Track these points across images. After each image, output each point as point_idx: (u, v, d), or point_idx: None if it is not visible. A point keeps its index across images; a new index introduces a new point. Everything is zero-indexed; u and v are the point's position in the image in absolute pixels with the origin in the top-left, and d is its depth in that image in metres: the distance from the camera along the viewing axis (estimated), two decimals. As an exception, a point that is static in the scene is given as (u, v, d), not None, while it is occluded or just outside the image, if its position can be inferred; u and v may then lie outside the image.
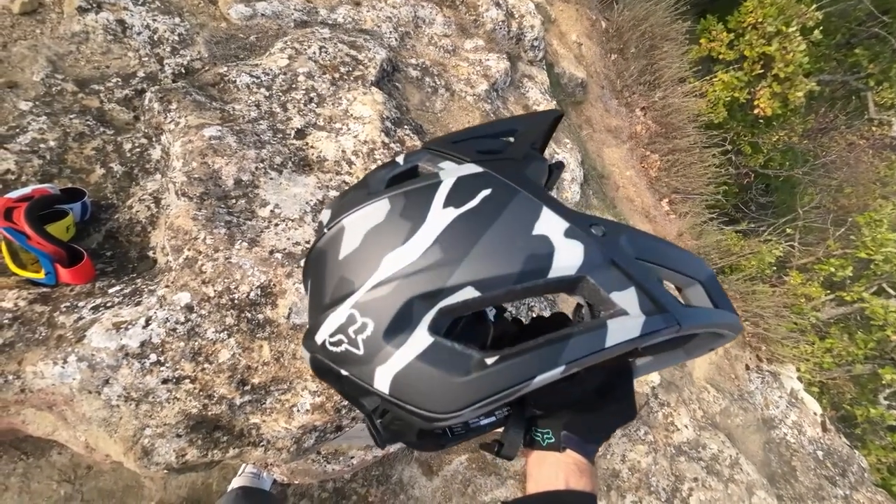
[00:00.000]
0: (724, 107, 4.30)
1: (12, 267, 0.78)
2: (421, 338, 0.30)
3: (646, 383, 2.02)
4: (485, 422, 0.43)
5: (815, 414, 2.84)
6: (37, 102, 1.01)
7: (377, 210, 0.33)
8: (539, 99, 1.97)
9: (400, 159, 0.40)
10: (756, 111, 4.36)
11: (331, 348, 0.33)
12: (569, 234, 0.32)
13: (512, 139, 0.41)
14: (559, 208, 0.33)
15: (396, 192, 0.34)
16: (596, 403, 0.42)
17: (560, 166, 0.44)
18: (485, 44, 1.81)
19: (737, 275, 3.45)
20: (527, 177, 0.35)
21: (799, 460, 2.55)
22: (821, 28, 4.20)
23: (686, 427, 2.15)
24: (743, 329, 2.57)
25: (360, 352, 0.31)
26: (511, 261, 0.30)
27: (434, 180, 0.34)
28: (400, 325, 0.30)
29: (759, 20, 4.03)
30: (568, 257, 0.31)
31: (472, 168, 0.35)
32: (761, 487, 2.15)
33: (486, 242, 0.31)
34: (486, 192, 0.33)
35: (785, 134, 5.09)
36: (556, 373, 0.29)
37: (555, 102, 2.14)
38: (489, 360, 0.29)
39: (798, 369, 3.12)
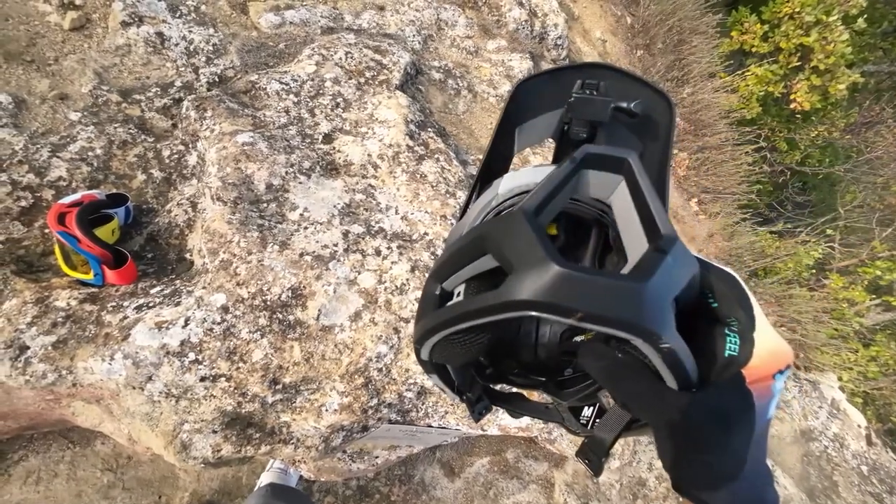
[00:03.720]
0: (758, 102, 4.11)
1: (64, 268, 0.84)
2: None
3: (674, 390, 1.95)
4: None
5: (858, 426, 2.67)
6: (85, 113, 1.08)
7: None
8: (563, 98, 1.94)
9: None
10: (793, 106, 4.15)
11: None
12: None
13: None
14: None
15: None
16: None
17: None
18: (507, 44, 1.80)
19: (772, 278, 3.29)
20: None
21: (841, 475, 2.41)
22: (865, 16, 3.95)
23: (717, 436, 2.06)
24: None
25: None
26: None
27: None
28: None
29: (797, 10, 3.83)
30: None
31: None
32: (799, 503, 2.04)
33: None
34: None
35: (825, 129, 4.81)
36: None
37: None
38: None
39: (840, 378, 2.94)
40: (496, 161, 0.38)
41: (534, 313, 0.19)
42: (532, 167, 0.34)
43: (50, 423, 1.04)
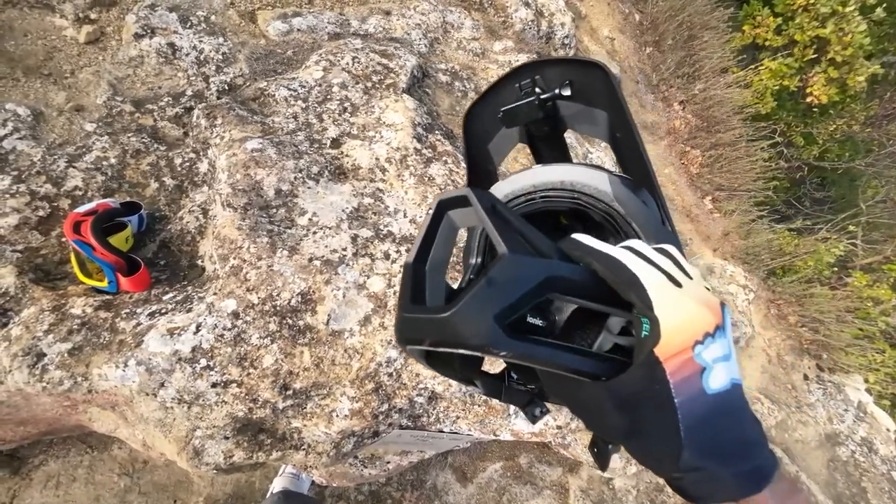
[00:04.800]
0: (773, 96, 4.01)
1: (80, 276, 0.85)
2: None
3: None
4: None
5: (887, 430, 2.57)
6: (100, 123, 1.10)
7: None
8: (571, 98, 1.92)
9: None
10: (809, 99, 4.04)
11: None
12: None
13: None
14: None
15: None
16: None
17: None
18: (514, 45, 1.79)
19: (791, 276, 3.19)
20: None
21: (870, 481, 2.31)
22: (884, 5, 3.83)
23: (737, 441, 1.99)
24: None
25: None
26: None
27: None
28: None
29: (811, 1, 3.74)
30: None
31: None
32: (826, 510, 1.97)
33: None
34: None
35: (844, 122, 4.67)
36: None
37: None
38: None
39: (866, 380, 2.83)
40: (483, 180, 0.41)
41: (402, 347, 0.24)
42: (517, 172, 0.37)
43: (68, 429, 1.06)
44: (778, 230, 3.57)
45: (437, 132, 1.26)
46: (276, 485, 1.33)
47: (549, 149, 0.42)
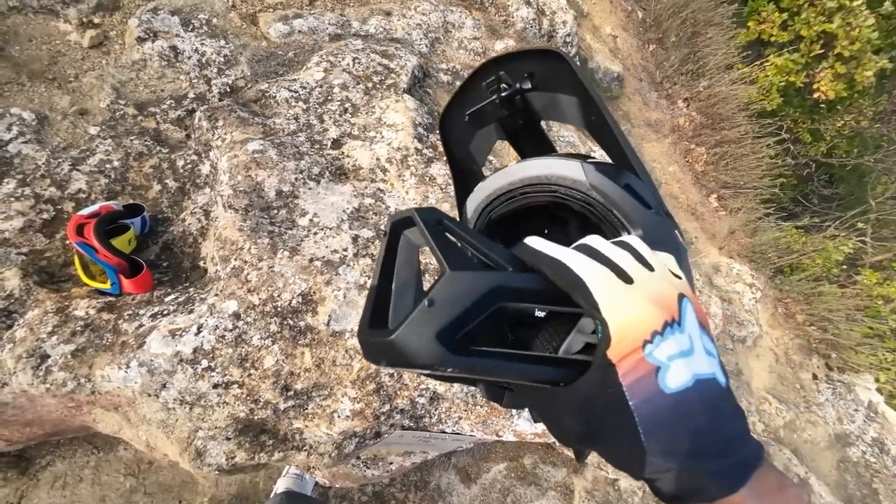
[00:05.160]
0: (779, 93, 3.96)
1: (84, 278, 0.86)
2: None
3: (698, 393, 1.87)
4: None
5: (899, 430, 2.52)
6: (103, 126, 1.11)
7: None
8: (573, 96, 1.91)
9: None
10: (816, 95, 3.99)
11: None
12: None
13: None
14: None
15: None
16: None
17: None
18: (515, 44, 1.78)
19: (799, 274, 3.15)
20: None
21: (882, 482, 2.27)
22: (892, -1, 3.78)
23: (745, 441, 1.97)
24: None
25: None
26: None
27: None
28: None
29: (818, -4, 3.69)
30: None
31: None
32: (837, 512, 1.94)
33: None
34: None
35: (852, 118, 4.60)
36: None
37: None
38: None
39: (877, 380, 2.79)
40: (469, 181, 0.40)
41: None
42: (496, 172, 0.36)
43: (73, 430, 1.06)
44: (785, 228, 3.53)
45: (437, 132, 1.25)
46: (280, 485, 1.34)
47: (529, 142, 0.41)
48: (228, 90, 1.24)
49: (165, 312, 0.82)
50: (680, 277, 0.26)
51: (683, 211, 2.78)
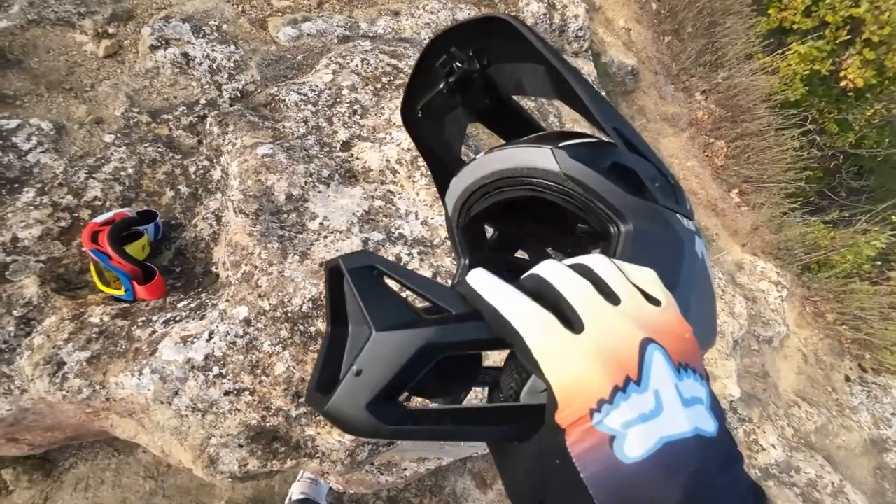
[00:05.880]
0: (802, 82, 3.80)
1: (99, 285, 0.86)
2: None
3: (723, 397, 1.80)
4: None
5: (941, 435, 2.38)
6: (118, 134, 1.12)
7: None
8: (587, 91, 1.86)
9: None
10: (843, 84, 3.82)
11: None
12: None
13: None
14: None
15: None
16: None
17: None
18: (526, 39, 1.75)
19: (828, 272, 3.01)
20: None
21: (923, 491, 2.14)
22: (925, -20, 3.58)
23: (773, 447, 1.89)
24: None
25: None
26: None
27: None
28: None
29: (843, -20, 3.53)
30: None
31: None
32: (875, 522, 1.83)
33: None
34: None
35: (882, 106, 4.39)
36: None
37: (604, 93, 2.01)
38: None
39: (915, 382, 2.64)
40: (452, 171, 0.36)
41: None
42: (466, 164, 0.33)
43: (93, 434, 1.08)
44: (812, 223, 3.38)
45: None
46: (295, 489, 1.33)
47: (504, 123, 0.37)
48: (239, 95, 1.24)
49: (178, 319, 0.82)
50: (658, 303, 0.21)
51: (703, 207, 2.69)
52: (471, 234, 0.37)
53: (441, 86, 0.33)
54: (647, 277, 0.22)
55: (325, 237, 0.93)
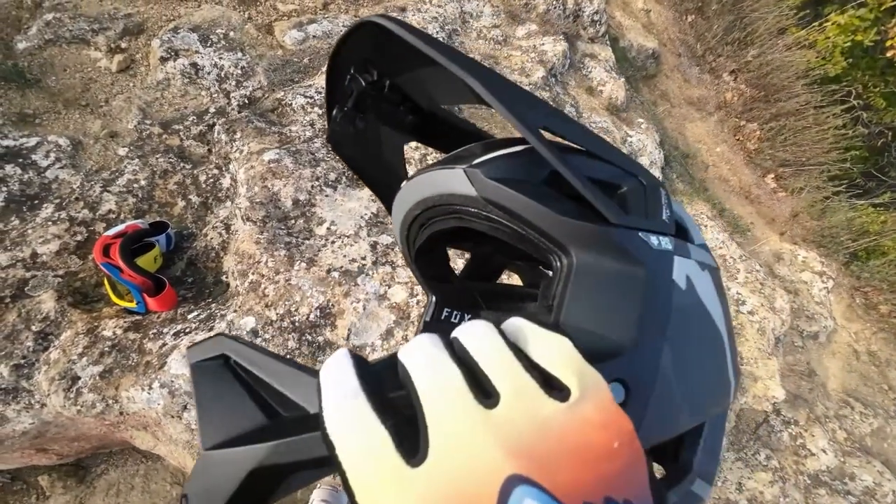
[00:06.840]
0: (843, 55, 3.53)
1: (113, 297, 0.87)
2: None
3: (765, 399, 1.68)
4: None
5: None
6: (131, 147, 1.14)
7: None
8: (604, 78, 1.77)
9: None
10: (889, 54, 3.52)
11: None
12: None
13: None
14: None
15: None
16: None
17: None
18: (538, 27, 1.67)
19: (878, 259, 2.78)
20: None
21: None
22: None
23: (824, 451, 1.74)
24: None
25: None
26: None
27: None
28: None
29: (888, -59, 3.24)
30: None
31: None
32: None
33: None
34: None
35: (936, 77, 4.01)
36: None
37: (623, 79, 1.91)
38: None
39: None
40: (389, 194, 0.31)
41: None
42: (405, 183, 0.28)
43: (117, 443, 1.10)
44: (859, 206, 3.13)
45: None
46: (315, 497, 1.32)
47: (438, 137, 0.32)
48: (247, 101, 1.24)
49: (187, 330, 0.81)
50: (564, 390, 0.15)
51: (735, 195, 2.52)
52: (430, 267, 0.32)
53: (335, 115, 0.29)
54: (557, 351, 0.16)
55: (333, 242, 0.90)
